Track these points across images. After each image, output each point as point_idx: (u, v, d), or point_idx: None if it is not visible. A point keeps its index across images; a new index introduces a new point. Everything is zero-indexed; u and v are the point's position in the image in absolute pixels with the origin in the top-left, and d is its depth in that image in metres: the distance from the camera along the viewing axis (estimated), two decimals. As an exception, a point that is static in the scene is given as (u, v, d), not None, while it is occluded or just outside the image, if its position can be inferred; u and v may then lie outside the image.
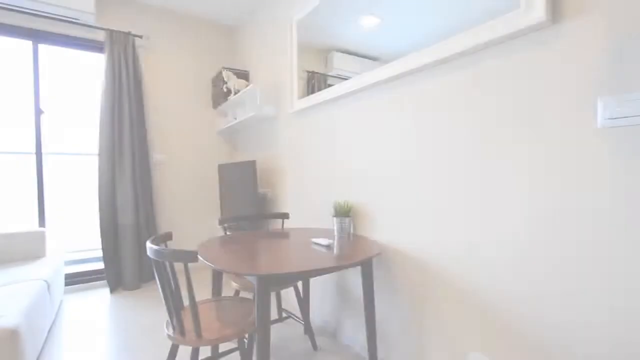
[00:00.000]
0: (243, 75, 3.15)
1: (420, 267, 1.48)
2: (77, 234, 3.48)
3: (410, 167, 1.52)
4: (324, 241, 1.55)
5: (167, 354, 1.86)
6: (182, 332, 1.19)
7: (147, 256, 2.99)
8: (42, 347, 1.95)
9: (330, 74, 2.05)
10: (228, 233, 1.94)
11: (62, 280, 2.62)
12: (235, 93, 2.95)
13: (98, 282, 2.98)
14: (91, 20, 2.78)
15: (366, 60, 1.75)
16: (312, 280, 2.29)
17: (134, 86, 2.94)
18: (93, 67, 3.09)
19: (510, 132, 1.13)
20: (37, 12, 2.63)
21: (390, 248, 1.63)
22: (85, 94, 3.14)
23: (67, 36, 2.83)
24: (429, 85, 1.42)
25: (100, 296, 2.77)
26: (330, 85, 2.02)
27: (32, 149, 2.80)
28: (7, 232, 2.43)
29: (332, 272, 1.28)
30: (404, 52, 1.50)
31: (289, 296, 2.66)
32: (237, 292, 1.85)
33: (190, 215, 3.45)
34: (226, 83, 3.02)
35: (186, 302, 2.33)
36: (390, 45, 1.59)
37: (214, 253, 1.39)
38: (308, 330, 1.93)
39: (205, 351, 1.80)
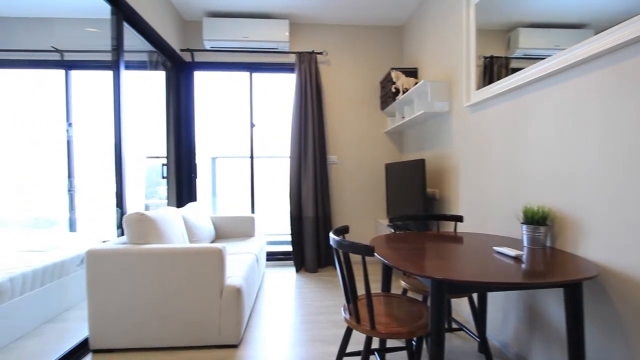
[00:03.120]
0: (411, 73, 3.11)
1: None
2: (274, 221, 4.37)
3: (652, 164, 1.09)
4: (509, 251, 1.33)
5: (339, 334, 2.06)
6: (358, 320, 1.28)
7: (324, 245, 3.42)
8: (253, 304, 2.53)
9: (513, 55, 1.74)
10: (394, 231, 1.95)
11: (264, 256, 3.33)
12: (404, 92, 2.95)
13: (287, 261, 3.63)
14: (286, 47, 3.41)
15: (564, 31, 1.39)
16: (491, 293, 2.01)
17: (316, 97, 3.40)
18: (287, 85, 3.78)
19: None
20: (251, 49, 3.45)
21: (610, 270, 1.22)
22: (281, 107, 3.89)
23: (269, 64, 3.57)
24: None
25: (288, 274, 3.36)
26: (513, 70, 1.71)
27: (247, 153, 3.68)
28: (232, 216, 3.30)
29: (522, 289, 1.08)
30: (629, 12, 1.09)
31: (460, 306, 2.44)
32: (405, 291, 1.84)
33: (358, 211, 3.70)
34: (394, 83, 3.06)
35: (360, 291, 2.52)
36: (606, 4, 1.19)
37: (386, 250, 1.43)
38: (484, 349, 1.71)
39: (374, 341, 1.88)
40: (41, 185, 3.72)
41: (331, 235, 1.32)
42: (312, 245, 3.37)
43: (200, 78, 3.68)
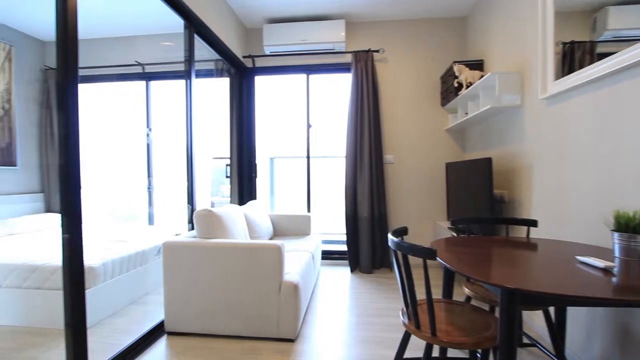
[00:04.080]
0: (476, 65, 2.90)
1: None
2: (329, 220, 4.41)
3: None
4: (597, 262, 1.17)
5: (394, 338, 2.01)
6: (418, 325, 1.23)
7: (380, 246, 3.36)
8: (309, 301, 2.58)
9: (600, 39, 1.53)
10: (455, 235, 1.83)
11: (320, 255, 3.38)
12: (467, 86, 2.76)
13: (342, 261, 3.63)
14: (342, 47, 3.42)
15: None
16: (571, 308, 1.79)
17: (372, 96, 3.36)
18: (343, 85, 3.79)
19: None
20: (308, 52, 3.51)
21: None
22: (337, 108, 3.91)
23: (325, 64, 3.60)
24: None
25: (342, 273, 3.36)
26: (600, 56, 1.50)
27: (304, 154, 3.77)
28: (289, 214, 3.41)
29: (615, 306, 0.94)
30: None
31: (532, 320, 2.21)
32: (468, 299, 1.72)
33: (416, 213, 3.56)
34: (457, 77, 2.89)
35: (420, 295, 2.43)
36: None
37: (448, 254, 1.35)
38: (563, 371, 1.52)
39: (434, 349, 1.79)
40: (126, 183, 4.23)
41: (390, 236, 1.28)
42: (367, 246, 3.33)
43: (260, 82, 3.86)
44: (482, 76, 2.68)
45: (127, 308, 2.49)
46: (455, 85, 2.92)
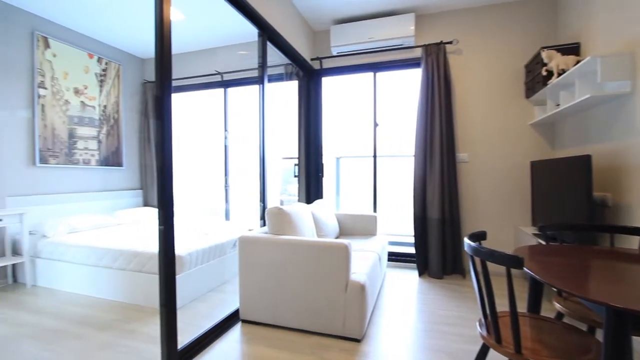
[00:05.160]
0: (571, 50, 2.54)
1: None
2: (396, 221, 4.28)
3: None
4: None
5: (468, 350, 1.86)
6: (498, 339, 1.12)
7: (451, 250, 3.16)
8: (375, 303, 2.54)
9: None
10: (543, 242, 1.63)
11: (386, 256, 3.30)
12: (559, 74, 2.43)
13: (409, 264, 3.50)
14: (411, 42, 3.29)
15: None
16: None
17: (444, 91, 3.16)
18: (411, 81, 3.65)
19: None
20: (375, 49, 3.46)
21: None
22: (405, 105, 3.78)
23: (393, 61, 3.50)
24: None
25: (410, 277, 3.23)
26: None
27: (371, 153, 3.72)
28: (355, 214, 3.40)
29: None
30: None
31: (644, 348, 1.86)
32: (560, 316, 1.52)
33: (493, 216, 3.25)
34: (545, 65, 2.56)
35: (499, 307, 2.23)
36: None
37: (535, 263, 1.21)
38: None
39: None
40: (207, 181, 4.67)
41: (466, 240, 1.19)
42: (437, 249, 3.16)
43: (327, 82, 3.92)
44: (578, 61, 2.33)
45: (207, 295, 2.74)
46: (544, 73, 2.59)
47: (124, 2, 3.08)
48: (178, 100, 4.51)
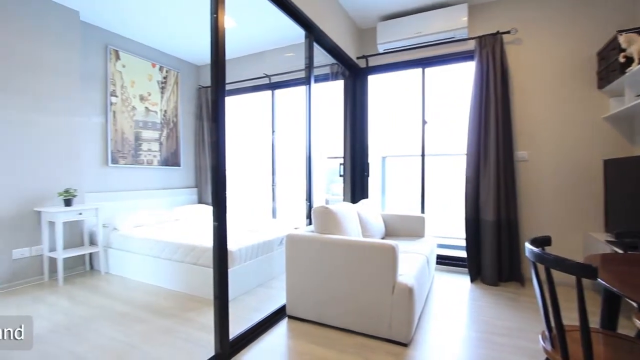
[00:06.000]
0: (655, 32, 2.22)
1: None
2: (445, 222, 4.09)
3: None
4: None
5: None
6: (566, 356, 1.02)
7: (508, 255, 2.94)
8: (423, 307, 2.45)
9: None
10: (620, 251, 1.45)
11: (434, 259, 3.17)
12: (641, 61, 2.14)
13: (460, 268, 3.32)
14: (464, 34, 3.11)
15: None
16: None
17: (500, 84, 2.95)
18: (462, 75, 3.46)
19: None
20: (424, 44, 3.33)
21: None
22: (457, 101, 3.59)
23: (443, 55, 3.35)
24: None
25: (460, 282, 3.07)
26: None
27: (417, 152, 3.59)
28: (401, 214, 3.31)
29: None
30: None
31: None
32: (641, 335, 1.34)
33: (558, 220, 2.96)
34: (623, 51, 2.27)
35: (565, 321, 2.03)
36: None
37: (610, 274, 1.08)
38: None
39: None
40: (256, 180, 4.85)
41: (528, 246, 1.10)
42: (491, 254, 2.95)
43: (373, 81, 3.86)
44: (666, 45, 2.04)
45: (255, 289, 2.85)
46: (622, 60, 2.30)
47: (182, 14, 3.32)
48: (229, 104, 4.75)
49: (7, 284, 2.76)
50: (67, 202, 3.04)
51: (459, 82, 3.57)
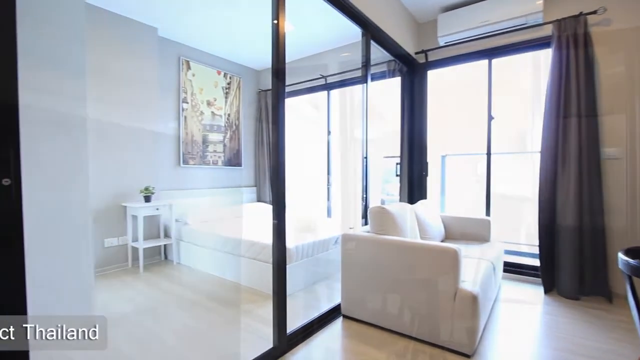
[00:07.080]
0: None
1: None
2: (514, 227, 3.74)
3: None
4: None
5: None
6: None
7: (591, 266, 2.59)
8: (488, 317, 2.27)
9: None
10: None
11: (501, 266, 2.92)
12: None
13: (532, 278, 3.01)
14: (539, 19, 2.81)
15: None
16: None
17: (583, 72, 2.60)
18: (536, 65, 3.13)
19: None
20: (491, 33, 3.07)
21: None
22: (528, 93, 3.26)
23: (513, 44, 3.06)
24: None
25: (532, 292, 2.78)
26: None
27: (483, 150, 3.34)
28: (463, 217, 3.11)
29: None
30: None
31: None
32: None
33: (659, 228, 2.53)
34: None
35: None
36: None
37: None
38: None
39: None
40: (312, 180, 4.95)
41: (622, 257, 0.96)
42: (570, 264, 2.62)
43: (432, 76, 3.68)
44: None
45: (311, 287, 2.91)
46: None
47: (244, 22, 3.52)
48: (287, 105, 4.91)
49: (100, 268, 3.19)
50: (147, 199, 3.42)
51: (527, 73, 3.24)
